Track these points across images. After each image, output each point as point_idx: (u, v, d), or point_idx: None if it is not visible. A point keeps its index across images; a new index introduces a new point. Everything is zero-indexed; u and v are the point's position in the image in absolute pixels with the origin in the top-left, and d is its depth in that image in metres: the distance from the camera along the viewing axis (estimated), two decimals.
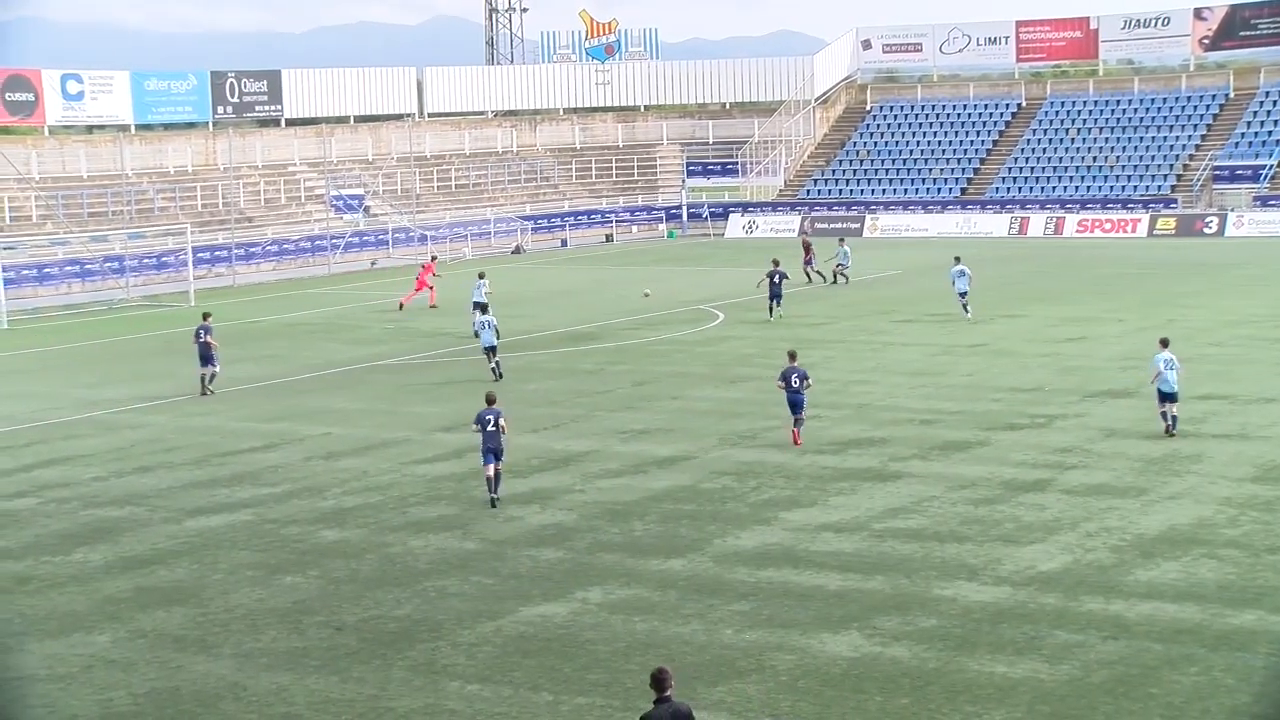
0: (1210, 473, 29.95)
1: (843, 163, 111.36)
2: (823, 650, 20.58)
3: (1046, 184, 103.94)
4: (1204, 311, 54.40)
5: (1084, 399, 38.29)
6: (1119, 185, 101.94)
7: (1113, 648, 20.20)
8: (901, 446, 33.31)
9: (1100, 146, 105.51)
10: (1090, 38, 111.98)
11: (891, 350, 48.17)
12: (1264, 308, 55.22)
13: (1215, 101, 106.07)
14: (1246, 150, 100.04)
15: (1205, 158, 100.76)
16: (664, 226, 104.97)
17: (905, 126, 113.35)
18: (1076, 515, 27.00)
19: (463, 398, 40.61)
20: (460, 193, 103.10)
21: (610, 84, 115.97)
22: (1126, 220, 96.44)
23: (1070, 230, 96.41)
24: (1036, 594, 22.60)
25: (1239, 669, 19.33)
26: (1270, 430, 33.77)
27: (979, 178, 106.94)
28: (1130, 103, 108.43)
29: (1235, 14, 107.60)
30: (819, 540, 26.04)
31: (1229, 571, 23.36)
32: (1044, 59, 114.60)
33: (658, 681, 14.68)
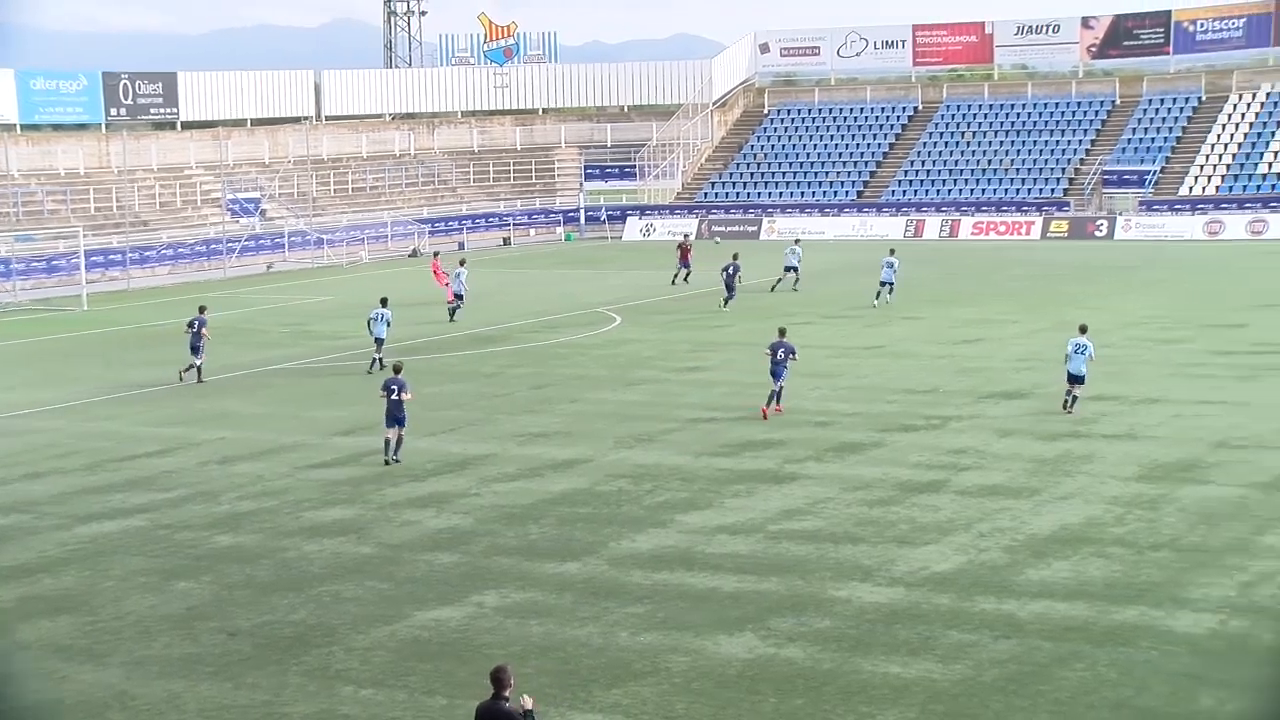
0: (1100, 473, 30.32)
1: (740, 165, 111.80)
2: (718, 652, 20.64)
3: (942, 186, 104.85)
4: (1096, 313, 54.94)
5: (979, 400, 38.66)
6: (1013, 188, 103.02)
7: (1004, 646, 20.40)
8: (798, 448, 33.48)
9: (995, 150, 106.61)
10: (985, 42, 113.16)
11: None
12: (1152, 309, 55.98)
13: (1103, 108, 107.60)
14: (1133, 156, 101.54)
15: (1095, 162, 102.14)
16: (562, 229, 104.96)
17: (803, 129, 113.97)
18: (970, 516, 27.25)
19: (361, 402, 40.40)
20: (357, 196, 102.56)
21: (509, 87, 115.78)
22: (1021, 223, 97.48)
23: (965, 233, 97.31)
24: (930, 594, 22.78)
25: (1122, 664, 19.60)
26: (1158, 430, 34.25)
27: (875, 180, 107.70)
28: (1024, 107, 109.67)
29: (1119, 24, 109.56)
30: (715, 542, 26.12)
31: (1115, 569, 23.67)
32: (940, 63, 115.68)
33: (496, 680, 14.82)
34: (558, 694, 19.25)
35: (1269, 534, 25.30)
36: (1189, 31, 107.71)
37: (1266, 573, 23.18)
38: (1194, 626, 20.88)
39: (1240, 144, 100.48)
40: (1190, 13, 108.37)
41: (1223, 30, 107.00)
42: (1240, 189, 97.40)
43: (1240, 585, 22.60)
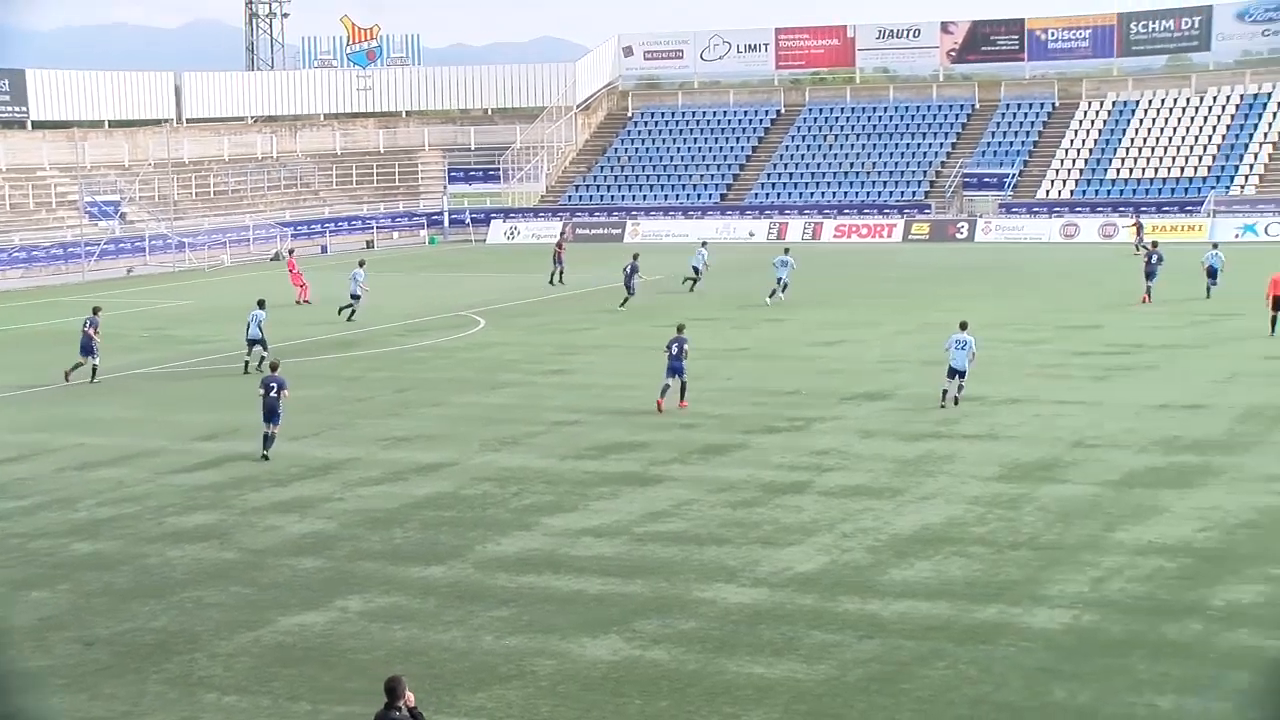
0: (961, 472, 30.71)
1: (604, 168, 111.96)
2: (583, 654, 20.66)
3: (805, 189, 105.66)
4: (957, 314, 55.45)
5: (842, 401, 39.00)
6: (875, 191, 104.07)
7: (868, 646, 20.61)
8: (663, 450, 33.59)
9: (857, 152, 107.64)
10: (847, 46, 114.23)
11: (654, 355, 48.41)
12: (1012, 311, 56.78)
13: (963, 111, 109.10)
14: (992, 159, 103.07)
15: (956, 165, 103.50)
16: (426, 233, 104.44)
17: (666, 132, 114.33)
18: (834, 516, 27.48)
19: (223, 407, 40.00)
20: (219, 199, 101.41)
21: (372, 90, 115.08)
22: (883, 225, 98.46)
23: (828, 235, 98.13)
24: (794, 595, 22.95)
25: (982, 661, 19.88)
26: (1018, 430, 34.76)
27: (739, 183, 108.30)
28: (885, 110, 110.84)
29: (977, 29, 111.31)
30: (580, 545, 26.14)
31: (976, 568, 24.00)
32: (803, 66, 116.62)
33: (390, 690, 15.16)
34: (422, 698, 19.12)
35: (1119, 530, 25.79)
36: (1041, 40, 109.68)
37: (1116, 568, 23.62)
38: (1050, 622, 21.24)
39: (1091, 149, 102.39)
40: (1042, 21, 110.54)
41: (1072, 40, 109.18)
42: (1093, 193, 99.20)
43: (1093, 581, 23.02)
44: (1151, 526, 25.98)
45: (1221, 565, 23.64)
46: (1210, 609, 21.56)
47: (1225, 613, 21.39)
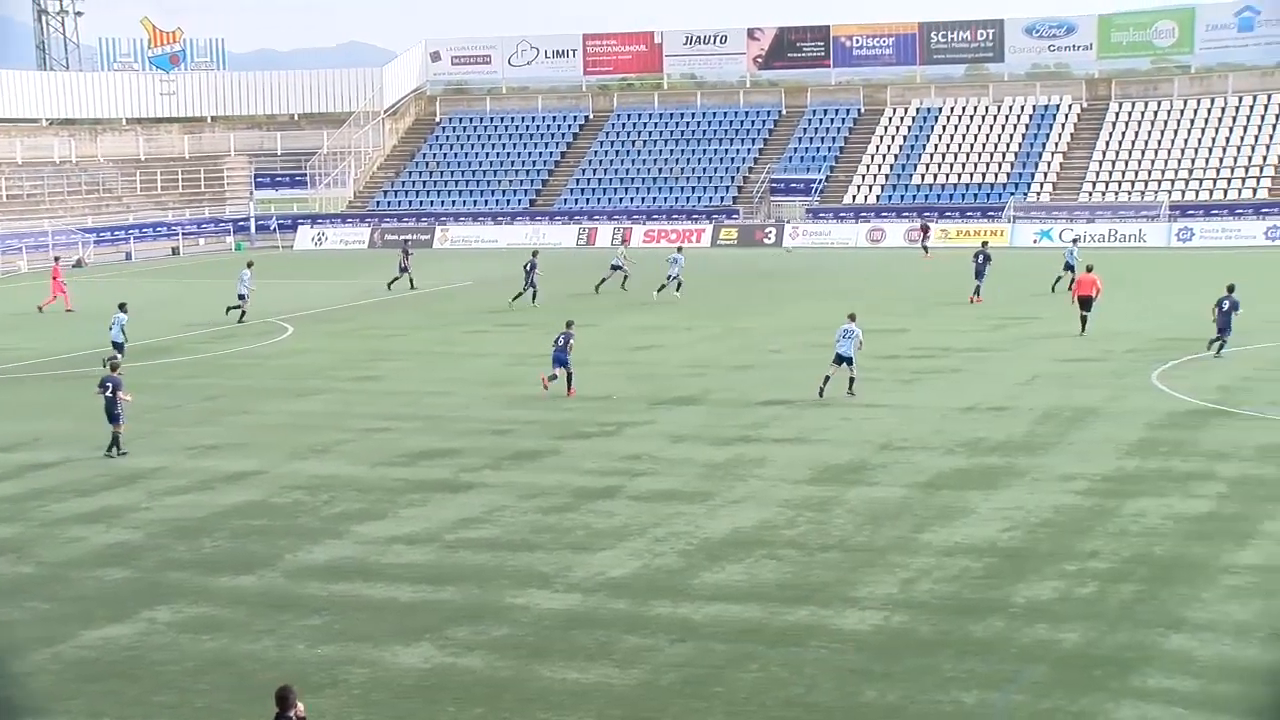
0: (771, 476, 30.99)
1: (412, 174, 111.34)
2: (396, 662, 20.53)
3: (614, 195, 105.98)
4: (766, 319, 56.31)
5: (653, 406, 39.17)
6: (684, 196, 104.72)
7: (681, 650, 20.72)
8: (474, 457, 33.48)
9: (666, 158, 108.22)
10: (655, 52, 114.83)
11: (466, 361, 48.42)
12: (820, 315, 57.41)
13: (770, 117, 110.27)
14: (799, 165, 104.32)
15: (763, 170, 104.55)
16: (232, 239, 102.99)
17: (475, 138, 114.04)
18: (645, 521, 27.59)
19: (23, 417, 39.10)
20: (13, 204, 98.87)
21: (176, 94, 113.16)
22: (691, 230, 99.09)
23: (637, 240, 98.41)
24: (607, 600, 23.01)
25: (794, 663, 20.10)
26: (826, 434, 35.16)
27: (548, 189, 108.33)
28: (693, 116, 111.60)
29: (784, 36, 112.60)
30: (391, 552, 25.96)
31: (787, 571, 24.25)
32: (611, 72, 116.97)
33: (281, 700, 15.07)
34: (234, 709, 18.92)
35: (927, 532, 26.22)
36: (846, 47, 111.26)
37: (924, 569, 24.01)
38: (860, 624, 21.52)
39: (896, 155, 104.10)
40: (847, 29, 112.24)
41: (876, 47, 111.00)
42: (898, 198, 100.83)
43: (902, 582, 23.37)
44: (958, 527, 26.46)
45: (1023, 564, 24.15)
46: (1012, 606, 22.02)
47: (1026, 609, 21.86)
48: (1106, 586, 22.80)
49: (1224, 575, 23.19)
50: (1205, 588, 22.56)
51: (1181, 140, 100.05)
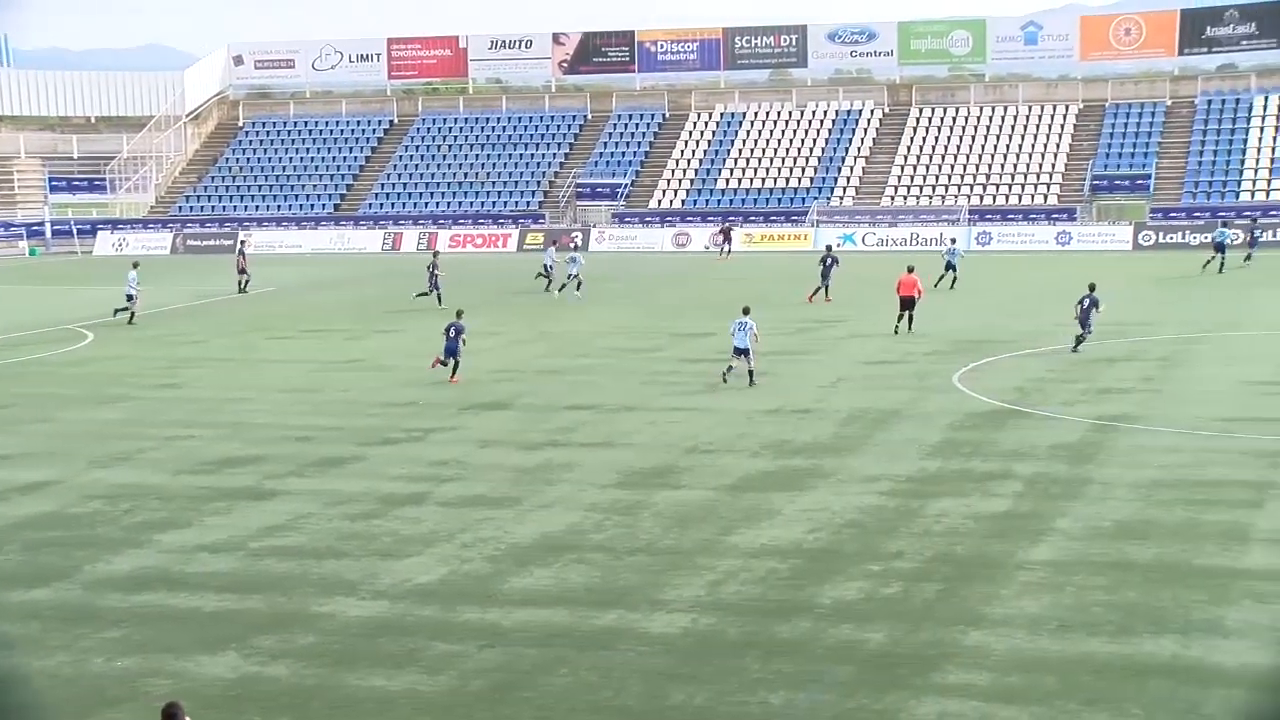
0: (580, 480, 31.02)
1: (215, 179, 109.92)
2: (200, 673, 20.20)
3: (420, 199, 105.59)
4: (573, 323, 56.40)
5: (460, 412, 39.02)
6: (490, 200, 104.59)
7: (489, 655, 20.66)
8: (279, 464, 33.07)
9: (471, 163, 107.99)
10: (460, 56, 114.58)
11: (269, 367, 47.85)
12: (626, 319, 57.76)
13: (576, 122, 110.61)
14: (605, 169, 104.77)
15: (569, 175, 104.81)
16: (25, 244, 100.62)
17: (279, 142, 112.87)
18: (453, 527, 27.46)
19: None
20: None
21: None
22: (498, 235, 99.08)
23: (444, 245, 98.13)
24: (414, 606, 22.86)
25: (603, 667, 20.14)
26: (633, 438, 35.30)
27: (353, 194, 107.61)
28: (499, 121, 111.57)
29: (589, 41, 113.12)
30: (195, 561, 25.54)
31: (595, 574, 24.29)
32: (416, 76, 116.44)
33: (168, 717, 14.42)
34: None
35: (734, 534, 26.43)
36: (651, 51, 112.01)
37: (732, 571, 24.20)
38: (668, 626, 21.63)
39: (701, 160, 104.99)
40: (652, 33, 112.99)
41: (681, 52, 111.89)
42: (703, 203, 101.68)
43: (709, 584, 23.53)
44: (764, 529, 26.70)
45: (829, 564, 24.45)
46: (818, 607, 22.28)
47: (831, 610, 22.14)
48: (910, 586, 23.18)
49: (1019, 571, 23.72)
50: (1003, 584, 23.05)
51: (979, 146, 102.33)
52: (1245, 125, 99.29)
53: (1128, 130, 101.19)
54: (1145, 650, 20.07)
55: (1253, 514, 26.77)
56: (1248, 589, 22.50)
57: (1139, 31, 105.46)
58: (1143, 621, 21.13)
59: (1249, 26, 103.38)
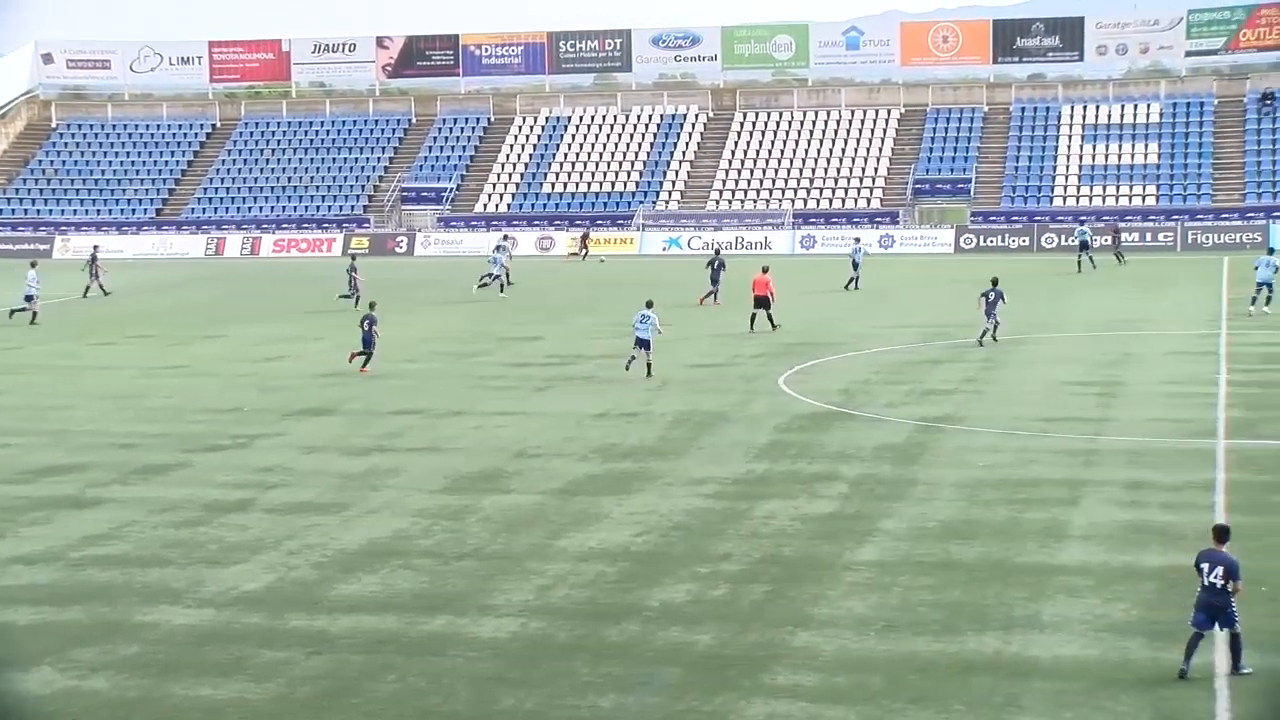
0: (407, 485, 30.85)
1: (27, 181, 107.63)
2: (12, 690, 19.70)
3: (243, 204, 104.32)
4: (398, 329, 56.00)
5: (285, 417, 38.62)
6: (314, 205, 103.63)
7: (317, 663, 20.47)
8: (101, 472, 32.47)
9: (296, 167, 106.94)
10: (283, 60, 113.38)
11: (91, 374, 46.98)
12: (452, 324, 57.57)
13: (400, 126, 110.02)
14: (430, 173, 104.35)
15: (394, 179, 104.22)
16: None
17: (96, 145, 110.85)
18: (279, 534, 27.16)
19: None
20: None
21: None
22: (322, 240, 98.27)
23: (267, 250, 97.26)
24: (241, 614, 22.58)
25: (431, 672, 20.04)
26: (460, 442, 35.18)
27: (175, 198, 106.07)
28: (323, 124, 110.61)
29: (413, 45, 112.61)
30: (10, 574, 24.95)
31: (424, 580, 24.17)
32: (238, 80, 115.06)
33: None
34: None
35: (563, 538, 26.44)
36: (476, 55, 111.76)
37: (560, 575, 24.21)
38: (497, 631, 21.59)
39: (527, 164, 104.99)
40: (476, 38, 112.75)
41: (505, 56, 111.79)
42: (529, 207, 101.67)
43: (538, 589, 23.52)
44: (593, 533, 26.75)
45: (657, 567, 24.55)
46: (647, 610, 22.37)
47: (660, 612, 22.24)
48: (738, 587, 23.35)
49: (846, 572, 24.01)
50: (830, 585, 23.31)
51: (802, 150, 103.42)
52: (1055, 133, 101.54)
53: (948, 135, 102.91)
54: (969, 648, 20.43)
55: (1069, 511, 27.37)
56: (1063, 584, 23.01)
57: (956, 39, 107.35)
58: (966, 619, 21.51)
59: (1054, 39, 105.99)
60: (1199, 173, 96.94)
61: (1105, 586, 22.76)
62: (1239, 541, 24.75)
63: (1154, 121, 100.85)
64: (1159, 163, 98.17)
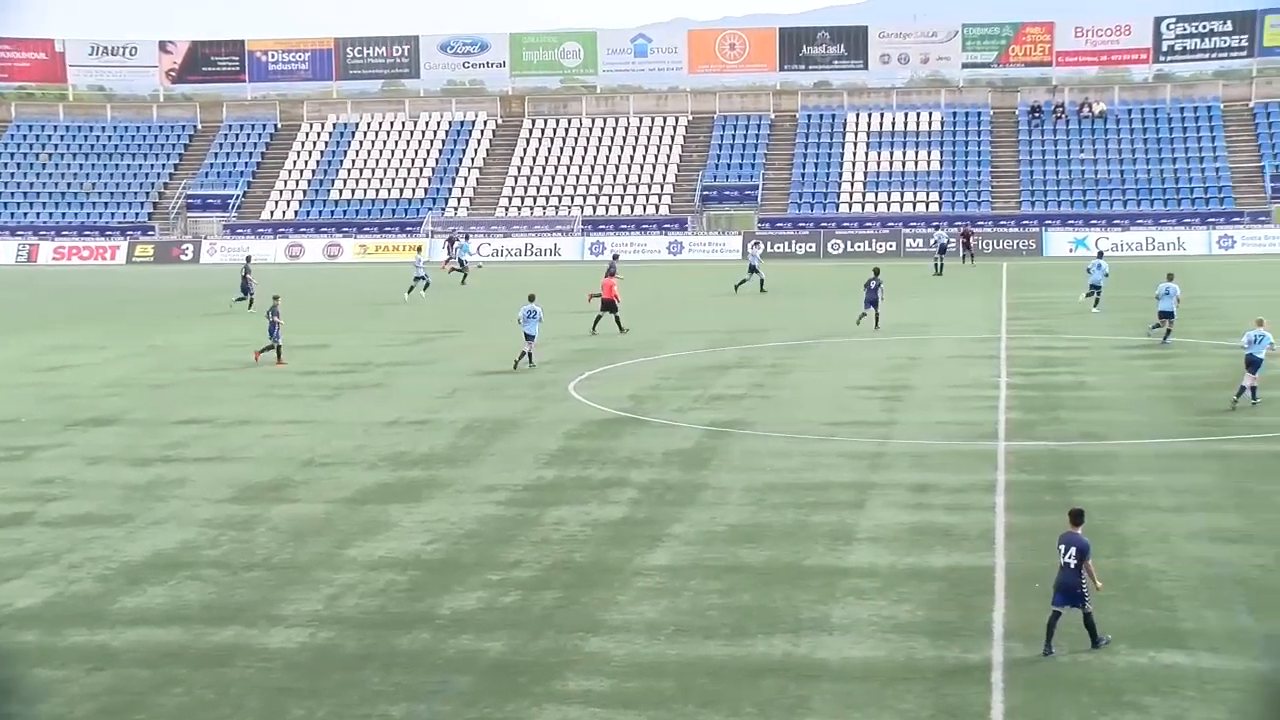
0: (194, 495, 30.32)
1: None
2: None
3: (18, 210, 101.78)
4: (184, 337, 55.17)
5: (67, 428, 37.74)
6: (96, 212, 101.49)
7: (99, 679, 20.02)
8: None
9: (75, 172, 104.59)
10: (57, 61, 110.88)
11: None
12: (239, 332, 56.63)
13: (185, 132, 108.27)
14: (216, 180, 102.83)
15: (179, 186, 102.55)
16: None
17: None
18: (59, 547, 26.51)
19: None
20: None
21: None
22: (105, 247, 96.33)
23: (46, 257, 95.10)
24: (15, 632, 21.98)
25: (220, 685, 19.73)
26: (248, 451, 34.68)
27: None
28: (104, 129, 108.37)
29: (197, 50, 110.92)
30: None
31: (211, 591, 23.78)
32: (7, 80, 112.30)
33: None
34: None
35: (352, 547, 26.20)
36: (262, 61, 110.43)
37: (349, 584, 23.98)
38: (286, 642, 21.33)
39: (314, 170, 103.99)
40: (262, 43, 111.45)
41: (292, 62, 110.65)
42: (316, 214, 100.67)
43: (327, 598, 23.28)
44: (383, 541, 26.55)
45: (448, 575, 24.44)
46: (438, 618, 22.26)
47: (451, 620, 22.15)
48: (530, 594, 23.34)
49: (637, 577, 24.11)
50: (621, 590, 23.40)
51: (591, 157, 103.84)
52: (841, 140, 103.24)
53: (735, 142, 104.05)
54: (759, 651, 20.64)
55: (855, 514, 27.78)
56: (851, 586, 23.35)
57: (743, 47, 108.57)
58: (756, 623, 21.73)
59: (839, 48, 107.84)
60: (979, 180, 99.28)
61: (891, 588, 23.15)
62: (1015, 541, 25.39)
63: (935, 129, 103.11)
64: (941, 169, 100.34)
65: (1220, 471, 30.70)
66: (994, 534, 26.04)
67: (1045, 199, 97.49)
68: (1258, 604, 22.15)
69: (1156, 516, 26.66)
